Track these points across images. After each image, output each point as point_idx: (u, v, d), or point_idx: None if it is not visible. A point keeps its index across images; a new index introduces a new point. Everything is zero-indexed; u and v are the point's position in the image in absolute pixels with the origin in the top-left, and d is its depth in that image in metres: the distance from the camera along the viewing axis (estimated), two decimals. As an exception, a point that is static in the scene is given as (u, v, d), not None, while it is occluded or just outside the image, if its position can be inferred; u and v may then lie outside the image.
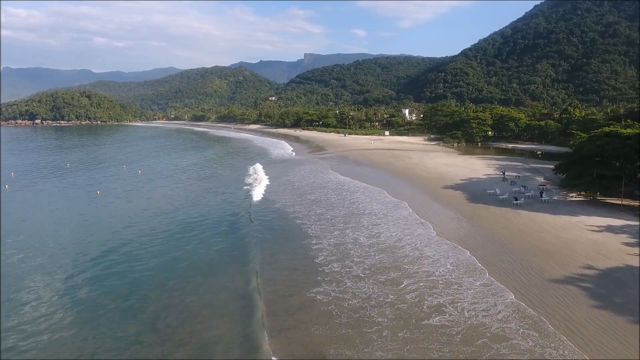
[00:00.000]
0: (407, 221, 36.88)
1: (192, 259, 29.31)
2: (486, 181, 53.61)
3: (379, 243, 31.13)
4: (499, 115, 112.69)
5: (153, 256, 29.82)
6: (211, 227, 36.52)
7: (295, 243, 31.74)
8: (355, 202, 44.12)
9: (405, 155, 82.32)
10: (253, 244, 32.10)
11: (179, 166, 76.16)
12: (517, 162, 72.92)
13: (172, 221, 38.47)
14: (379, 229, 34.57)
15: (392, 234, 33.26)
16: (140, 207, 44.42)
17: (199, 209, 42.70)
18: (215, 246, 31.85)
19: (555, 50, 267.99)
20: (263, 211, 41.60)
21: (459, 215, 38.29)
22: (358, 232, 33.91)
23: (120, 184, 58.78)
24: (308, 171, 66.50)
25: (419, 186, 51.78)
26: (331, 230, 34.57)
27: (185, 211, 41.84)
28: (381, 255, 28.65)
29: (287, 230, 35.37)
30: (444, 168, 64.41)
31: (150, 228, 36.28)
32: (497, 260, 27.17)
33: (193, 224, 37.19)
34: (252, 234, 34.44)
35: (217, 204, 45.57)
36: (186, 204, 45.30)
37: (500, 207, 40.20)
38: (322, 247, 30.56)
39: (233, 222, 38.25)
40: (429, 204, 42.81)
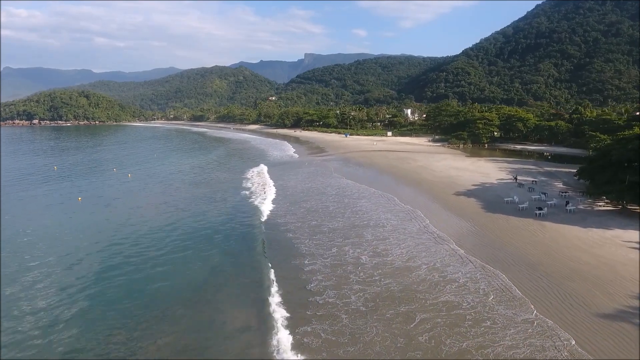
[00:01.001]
0: (418, 234, 32.75)
1: (152, 290, 25.08)
2: (500, 187, 49.45)
3: (385, 264, 26.98)
4: (506, 115, 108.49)
5: (122, 288, 25.66)
6: (183, 246, 32.05)
7: (285, 264, 27.47)
8: (358, 211, 39.98)
9: (410, 158, 78.16)
10: (236, 264, 28.02)
11: (172, 170, 72.07)
12: (530, 165, 68.73)
13: (151, 239, 34.24)
14: (385, 245, 30.41)
15: (402, 251, 29.14)
16: (122, 219, 40.30)
17: (183, 223, 38.47)
18: (189, 270, 27.54)
19: (557, 49, 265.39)
20: (258, 223, 37.53)
21: (476, 227, 34.15)
22: (360, 248, 29.76)
23: (107, 190, 54.69)
24: (306, 175, 62.35)
25: (427, 192, 47.64)
26: (328, 246, 30.39)
27: (169, 226, 37.38)
28: (388, 280, 24.44)
29: (277, 246, 31.21)
30: (452, 172, 60.24)
31: (127, 247, 32.02)
32: (533, 287, 23.01)
33: (171, 243, 32.74)
34: (238, 250, 30.36)
35: (200, 214, 41.44)
36: (172, 216, 41.04)
37: (522, 218, 36.04)
38: (316, 268, 26.35)
39: (218, 237, 34.13)
40: (441, 213, 38.69)
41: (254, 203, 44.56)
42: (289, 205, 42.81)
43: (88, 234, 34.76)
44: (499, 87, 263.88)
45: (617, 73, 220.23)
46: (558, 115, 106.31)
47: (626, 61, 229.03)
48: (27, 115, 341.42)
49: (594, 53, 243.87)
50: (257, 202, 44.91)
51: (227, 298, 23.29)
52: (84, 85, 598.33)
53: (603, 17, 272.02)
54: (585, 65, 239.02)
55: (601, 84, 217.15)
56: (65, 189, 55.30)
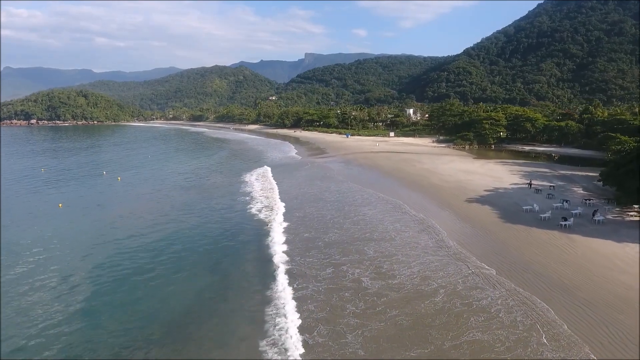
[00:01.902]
0: (433, 249, 28.99)
1: (118, 316, 21.49)
2: (515, 193, 45.69)
3: (392, 288, 23.08)
4: (513, 115, 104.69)
5: (91, 317, 22.01)
6: (158, 265, 28.44)
7: (268, 290, 23.28)
8: (360, 221, 36.18)
9: (415, 160, 74.44)
10: (213, 288, 24.31)
11: (165, 173, 68.30)
12: (543, 167, 64.94)
13: (131, 255, 30.53)
14: (392, 263, 26.56)
15: (413, 271, 25.35)
16: (105, 228, 36.60)
17: (166, 234, 34.74)
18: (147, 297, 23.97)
19: (559, 49, 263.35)
20: (248, 230, 33.82)
21: (496, 240, 30.39)
22: (361, 268, 25.86)
23: (91, 195, 50.96)
24: (303, 178, 58.59)
25: (437, 198, 43.88)
26: (323, 265, 26.46)
27: (147, 242, 33.48)
28: (395, 310, 20.38)
29: (261, 264, 27.41)
30: (462, 175, 56.47)
31: (103, 265, 28.37)
32: (577, 319, 19.23)
33: (151, 259, 29.11)
34: (222, 268, 26.65)
35: (187, 226, 37.72)
36: (154, 229, 37.21)
37: (545, 230, 32.28)
38: (307, 294, 22.37)
39: (197, 254, 30.42)
40: (454, 223, 34.93)
41: (244, 210, 40.84)
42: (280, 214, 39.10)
43: (56, 248, 31.02)
44: (500, 86, 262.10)
45: (621, 72, 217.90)
46: (568, 115, 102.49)
47: (629, 60, 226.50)
48: (25, 115, 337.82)
49: (596, 52, 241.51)
50: (244, 209, 41.20)
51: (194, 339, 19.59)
52: (84, 85, 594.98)
53: (605, 16, 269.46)
54: (587, 64, 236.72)
55: (604, 84, 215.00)
56: (49, 194, 51.64)
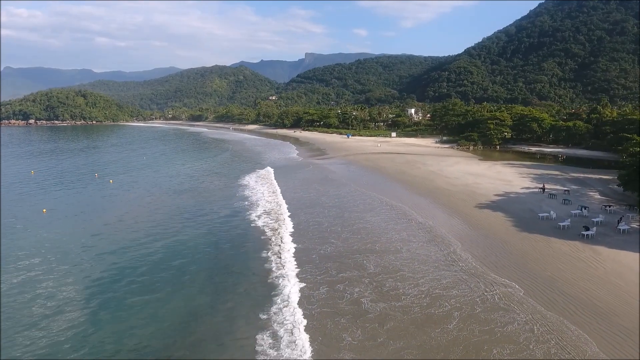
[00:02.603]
0: (445, 264, 26.36)
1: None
2: (528, 198, 43.05)
3: (396, 311, 20.47)
4: (519, 115, 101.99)
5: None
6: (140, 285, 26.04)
7: (251, 313, 20.62)
8: (361, 230, 33.56)
9: (419, 161, 71.83)
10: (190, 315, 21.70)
11: (160, 175, 65.67)
12: (553, 170, 62.27)
13: (111, 272, 27.95)
14: (396, 280, 23.88)
15: (422, 290, 22.70)
16: (87, 238, 34.01)
17: (153, 248, 32.18)
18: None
19: (561, 48, 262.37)
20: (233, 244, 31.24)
21: (514, 252, 27.71)
22: (361, 286, 23.13)
23: (80, 200, 48.38)
24: (300, 181, 55.99)
25: (445, 204, 41.24)
26: (316, 283, 23.80)
27: (132, 256, 30.98)
28: (400, 342, 17.56)
29: (250, 280, 24.86)
30: (469, 179, 53.83)
31: (77, 283, 25.80)
32: (621, 352, 16.59)
33: (129, 282, 26.55)
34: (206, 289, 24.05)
35: (176, 233, 35.13)
36: (141, 240, 34.64)
37: (566, 240, 29.64)
38: (296, 320, 19.66)
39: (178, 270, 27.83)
40: (465, 232, 32.29)
41: (236, 218, 38.26)
42: (272, 221, 36.46)
43: (25, 266, 28.42)
44: (502, 86, 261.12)
45: (623, 72, 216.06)
46: (575, 115, 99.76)
47: (632, 60, 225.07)
48: (23, 115, 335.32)
49: (598, 52, 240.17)
50: (234, 216, 38.62)
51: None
52: (84, 85, 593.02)
53: (607, 15, 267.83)
54: (589, 64, 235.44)
55: (607, 83, 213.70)
56: (35, 197, 49.04)
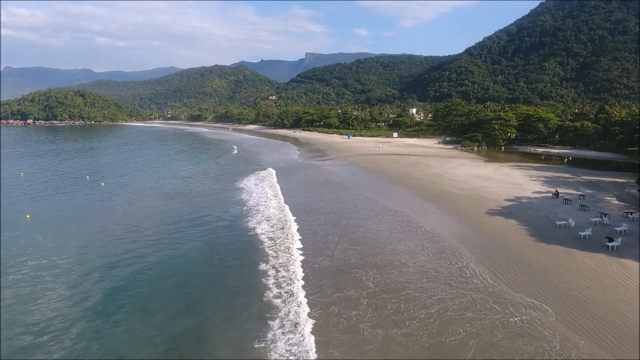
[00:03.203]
0: (457, 282, 23.81)
1: None
2: (541, 203, 40.48)
3: (398, 342, 18.02)
4: (524, 115, 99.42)
5: None
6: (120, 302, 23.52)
7: (226, 342, 18.29)
8: (361, 239, 31.02)
9: (423, 163, 69.28)
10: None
11: (154, 178, 63.13)
12: (563, 172, 59.65)
13: (86, 287, 25.45)
14: (400, 301, 21.43)
15: (431, 313, 20.20)
16: (70, 249, 31.48)
17: (135, 262, 29.68)
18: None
19: (562, 48, 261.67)
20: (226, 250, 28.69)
21: (533, 267, 25.11)
22: (358, 310, 20.79)
23: (68, 204, 45.76)
24: (297, 185, 53.46)
25: (453, 210, 38.68)
26: (310, 304, 21.50)
27: (121, 274, 28.68)
28: None
29: (230, 299, 22.37)
30: (477, 182, 51.27)
31: (49, 305, 23.27)
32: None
33: (110, 300, 24.18)
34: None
35: (165, 246, 32.60)
36: (127, 252, 32.16)
37: (589, 253, 27.09)
38: (276, 358, 17.45)
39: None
40: (477, 243, 29.71)
41: (228, 227, 35.75)
42: (264, 226, 33.95)
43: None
44: (503, 86, 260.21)
45: (625, 72, 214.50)
46: (582, 115, 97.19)
47: (634, 60, 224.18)
48: (21, 115, 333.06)
49: (600, 51, 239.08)
50: (225, 225, 36.10)
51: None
52: (84, 85, 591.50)
53: (609, 14, 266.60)
54: (591, 63, 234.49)
55: (609, 83, 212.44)
56: (21, 201, 46.45)
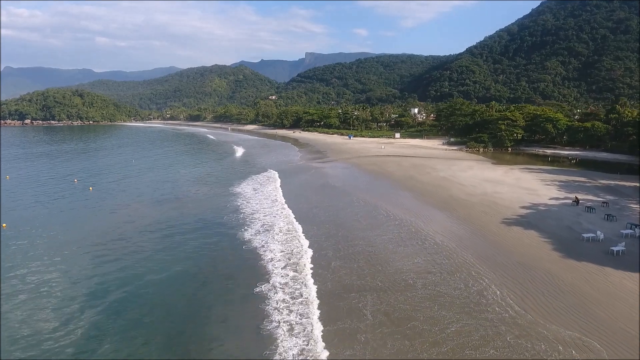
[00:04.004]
0: (473, 306, 20.50)
1: None
2: (561, 211, 37.14)
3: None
4: (531, 115, 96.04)
5: None
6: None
7: None
8: (361, 253, 27.80)
9: (428, 166, 65.97)
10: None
11: (145, 181, 59.97)
12: (578, 176, 56.25)
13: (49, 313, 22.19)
14: (403, 338, 18.21)
15: (442, 350, 16.93)
16: (43, 263, 28.23)
17: (111, 278, 26.43)
18: None
19: (564, 47, 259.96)
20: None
21: (565, 290, 21.72)
22: (354, 348, 17.61)
23: (53, 210, 42.50)
24: (293, 189, 50.16)
25: (464, 219, 35.36)
26: (292, 347, 18.24)
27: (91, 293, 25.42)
28: None
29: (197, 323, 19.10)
30: (487, 187, 47.94)
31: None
32: None
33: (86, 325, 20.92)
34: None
35: (150, 260, 29.34)
36: (107, 268, 28.92)
37: (626, 272, 23.69)
38: None
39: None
40: (495, 258, 26.39)
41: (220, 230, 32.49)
42: (259, 234, 30.69)
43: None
44: (505, 85, 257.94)
45: (628, 71, 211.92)
46: (593, 115, 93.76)
47: (636, 59, 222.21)
48: (19, 115, 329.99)
49: (602, 51, 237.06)
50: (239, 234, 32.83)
51: None
52: (83, 85, 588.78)
53: (611, 14, 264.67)
54: (594, 63, 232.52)
55: (612, 83, 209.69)
56: (2, 207, 43.25)
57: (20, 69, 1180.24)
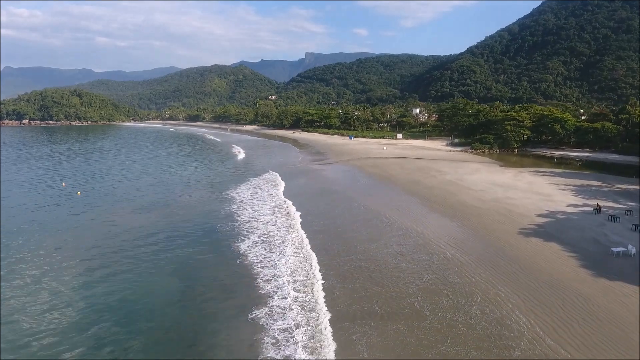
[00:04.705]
0: (493, 339, 17.58)
1: None
2: (582, 220, 34.17)
3: None
4: (538, 116, 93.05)
5: None
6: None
7: None
8: (358, 270, 24.90)
9: (433, 168, 63.03)
10: None
11: (136, 185, 57.14)
12: (592, 179, 53.22)
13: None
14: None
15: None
16: (9, 279, 25.36)
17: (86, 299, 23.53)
18: None
19: (566, 47, 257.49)
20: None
21: (604, 320, 18.74)
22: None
23: (35, 216, 39.61)
24: (291, 193, 47.25)
25: (476, 229, 32.44)
26: None
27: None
28: None
29: None
30: (498, 191, 44.98)
31: None
32: None
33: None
34: None
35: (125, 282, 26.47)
36: (84, 281, 26.03)
37: (668, 294, 20.85)
38: None
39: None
40: (516, 277, 23.46)
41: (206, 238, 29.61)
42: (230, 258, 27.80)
43: None
44: (506, 85, 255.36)
45: (630, 71, 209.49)
46: (602, 116, 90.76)
47: (639, 59, 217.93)
48: (16, 115, 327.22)
49: (604, 50, 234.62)
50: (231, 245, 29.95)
51: None
52: (83, 85, 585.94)
53: (612, 13, 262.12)
54: (595, 62, 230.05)
55: (614, 82, 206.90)
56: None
57: (20, 68, 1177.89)
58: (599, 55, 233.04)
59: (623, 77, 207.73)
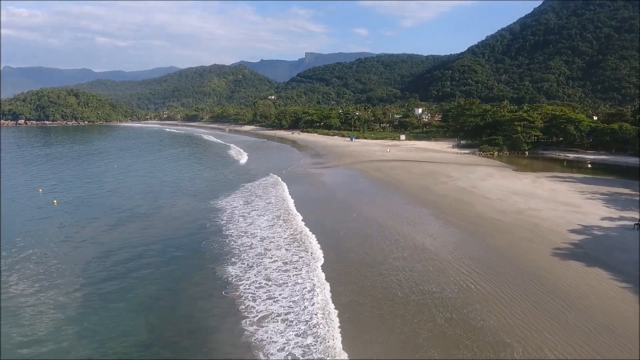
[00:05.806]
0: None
1: None
2: (624, 237, 29.56)
3: None
4: (549, 116, 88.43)
5: None
6: None
7: None
8: (364, 302, 20.37)
9: (442, 173, 58.43)
10: None
11: (122, 192, 52.58)
12: (618, 186, 48.56)
13: None
14: None
15: None
16: None
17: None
18: None
19: (568, 46, 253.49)
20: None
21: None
22: None
23: (8, 225, 35.08)
24: (286, 199, 42.68)
25: (502, 249, 27.89)
26: None
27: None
28: None
29: None
30: (519, 201, 40.38)
31: None
32: None
33: None
34: None
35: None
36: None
37: None
38: None
39: None
40: (567, 321, 18.97)
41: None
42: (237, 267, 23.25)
43: None
44: (508, 85, 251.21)
45: (633, 70, 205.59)
46: (618, 116, 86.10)
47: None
48: (12, 115, 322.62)
49: (606, 50, 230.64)
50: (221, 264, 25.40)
51: None
52: (82, 85, 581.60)
53: (614, 12, 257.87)
54: (598, 62, 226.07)
55: (617, 82, 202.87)
56: None
57: (20, 68, 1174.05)
58: (602, 54, 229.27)
59: (626, 76, 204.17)
